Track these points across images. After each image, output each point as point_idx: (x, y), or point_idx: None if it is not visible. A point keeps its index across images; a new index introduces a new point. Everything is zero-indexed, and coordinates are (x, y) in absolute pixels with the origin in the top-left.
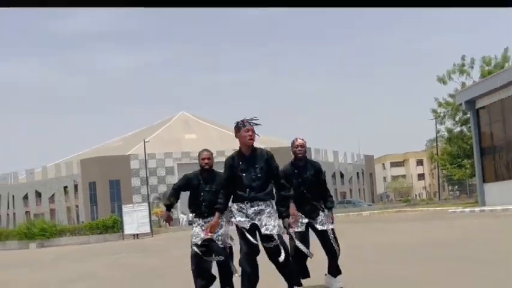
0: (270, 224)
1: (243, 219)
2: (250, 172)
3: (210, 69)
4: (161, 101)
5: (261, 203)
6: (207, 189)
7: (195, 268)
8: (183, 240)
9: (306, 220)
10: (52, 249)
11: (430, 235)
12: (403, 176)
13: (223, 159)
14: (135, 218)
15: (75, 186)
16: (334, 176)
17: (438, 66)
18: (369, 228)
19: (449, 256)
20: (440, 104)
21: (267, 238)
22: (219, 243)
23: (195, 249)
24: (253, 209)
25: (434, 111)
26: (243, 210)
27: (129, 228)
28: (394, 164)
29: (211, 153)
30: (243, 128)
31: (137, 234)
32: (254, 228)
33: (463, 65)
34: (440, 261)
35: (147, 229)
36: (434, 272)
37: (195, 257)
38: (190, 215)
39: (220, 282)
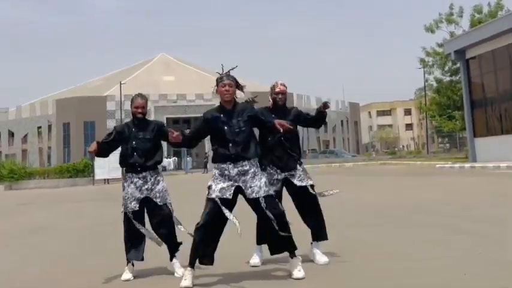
0: (256, 186)
1: (225, 185)
2: (232, 125)
3: (191, 13)
4: (141, 43)
5: (245, 162)
6: (140, 136)
7: (126, 234)
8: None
9: (282, 176)
10: (20, 193)
11: (409, 194)
12: (390, 126)
13: (202, 102)
14: (107, 162)
15: (49, 127)
16: None
17: (431, 14)
18: (347, 182)
19: (421, 223)
20: (428, 53)
21: (254, 202)
22: (158, 200)
23: (130, 215)
24: (236, 169)
25: (422, 60)
26: (225, 172)
27: (100, 173)
28: (380, 113)
29: (146, 101)
30: (220, 83)
31: (108, 180)
32: (232, 201)
33: (451, 14)
34: (411, 228)
35: (119, 174)
36: (395, 239)
37: (128, 221)
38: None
39: (168, 249)
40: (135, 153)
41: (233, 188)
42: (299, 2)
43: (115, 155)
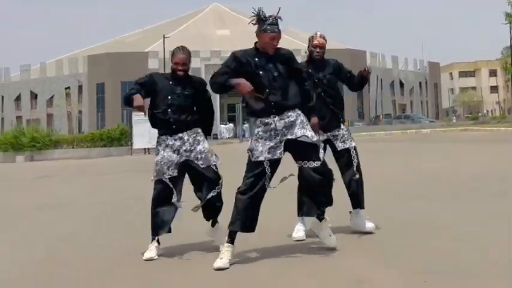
0: (308, 135)
1: (273, 143)
2: (269, 69)
3: None
4: None
5: (290, 112)
6: (177, 91)
7: (155, 204)
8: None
9: (324, 136)
10: (43, 164)
11: (490, 165)
12: (473, 88)
13: None
14: (147, 129)
15: (79, 88)
16: (392, 85)
17: None
18: (419, 150)
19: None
20: None
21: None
22: (200, 163)
23: (167, 182)
24: (283, 121)
25: (508, 14)
26: (271, 126)
27: (139, 142)
28: (463, 74)
29: (189, 56)
30: (266, 33)
31: (148, 149)
32: (277, 165)
33: None
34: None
35: None
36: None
37: (160, 189)
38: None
39: (207, 215)
40: (169, 110)
41: (282, 144)
42: None
43: None
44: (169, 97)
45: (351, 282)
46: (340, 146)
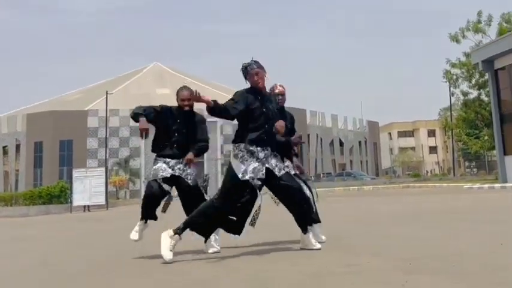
0: (281, 164)
1: (256, 165)
2: (269, 109)
3: (190, 18)
4: (132, 52)
5: (269, 147)
6: (183, 131)
7: (146, 200)
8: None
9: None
10: None
11: (439, 205)
12: (413, 148)
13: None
14: (88, 185)
15: (17, 147)
16: (332, 143)
17: (452, 25)
18: (370, 201)
19: (456, 219)
20: (453, 65)
21: (287, 175)
22: (190, 182)
23: (160, 180)
24: (263, 153)
25: (447, 72)
26: (254, 154)
27: (79, 198)
28: (402, 134)
29: (192, 93)
30: (250, 71)
31: (88, 206)
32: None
33: (479, 22)
34: (447, 222)
35: (102, 200)
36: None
37: (151, 186)
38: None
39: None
40: (174, 146)
41: (264, 170)
42: (310, 11)
43: (96, 178)
44: (176, 134)
45: (341, 266)
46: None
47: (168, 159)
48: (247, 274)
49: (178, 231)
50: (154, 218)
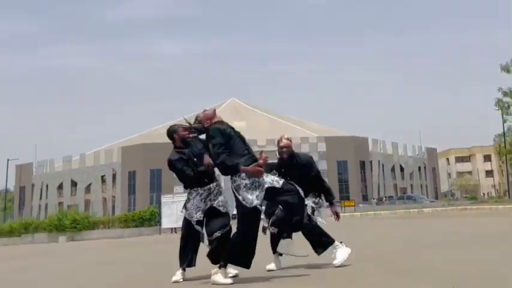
0: (273, 178)
1: (258, 192)
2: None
3: (260, 59)
4: (211, 89)
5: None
6: (196, 151)
7: (184, 241)
8: None
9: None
10: (81, 244)
11: (497, 227)
12: (469, 173)
13: (273, 147)
14: (175, 209)
15: (114, 176)
16: (393, 169)
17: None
18: (430, 223)
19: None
20: (505, 93)
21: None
22: (221, 208)
23: (194, 224)
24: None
25: (499, 100)
26: (255, 180)
27: (167, 222)
28: (459, 159)
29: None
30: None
31: (175, 228)
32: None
33: None
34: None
35: None
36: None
37: (188, 229)
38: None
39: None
40: (197, 166)
41: (263, 193)
42: (365, 48)
43: (182, 203)
44: (195, 159)
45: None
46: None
47: (200, 190)
48: None
49: (223, 265)
50: (193, 264)
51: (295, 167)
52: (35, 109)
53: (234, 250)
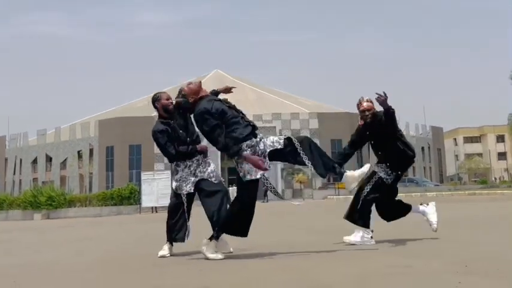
0: (273, 140)
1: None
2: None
3: (248, 28)
4: (193, 60)
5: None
6: (182, 125)
7: (172, 216)
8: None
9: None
10: (58, 221)
11: (502, 211)
12: (480, 155)
13: (260, 124)
14: (155, 188)
15: (91, 151)
16: None
17: None
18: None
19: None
20: None
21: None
22: (213, 179)
23: (184, 198)
24: (261, 142)
25: None
26: (256, 149)
27: (147, 200)
28: (468, 140)
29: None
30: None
31: (156, 208)
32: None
33: None
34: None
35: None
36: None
37: (177, 204)
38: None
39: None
40: (181, 139)
41: (267, 159)
42: (374, 18)
43: (163, 180)
44: (180, 131)
45: (394, 267)
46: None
47: (188, 162)
48: (295, 273)
49: (214, 237)
50: (183, 240)
51: (381, 126)
52: (8, 80)
53: (230, 220)
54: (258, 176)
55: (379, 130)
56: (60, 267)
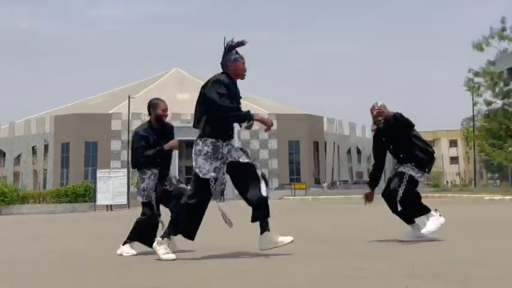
0: (241, 154)
1: (218, 164)
2: (238, 103)
3: (211, 27)
4: (153, 57)
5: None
6: (162, 143)
7: (144, 221)
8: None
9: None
10: (10, 218)
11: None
12: None
13: None
14: (111, 186)
15: (46, 147)
16: (349, 152)
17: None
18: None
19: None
20: (476, 73)
21: (249, 165)
22: (176, 182)
23: (154, 203)
24: (227, 147)
25: (469, 80)
26: (219, 151)
27: (102, 198)
28: None
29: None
30: (240, 60)
31: (111, 206)
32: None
33: (503, 29)
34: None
35: (124, 200)
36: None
37: (149, 210)
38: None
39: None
40: (158, 158)
41: (225, 166)
42: (334, 21)
43: (119, 178)
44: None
45: (345, 270)
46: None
47: (155, 170)
48: (252, 275)
49: (166, 235)
50: (149, 244)
51: (396, 128)
52: None
53: (180, 220)
54: (207, 177)
55: (394, 133)
56: (23, 266)
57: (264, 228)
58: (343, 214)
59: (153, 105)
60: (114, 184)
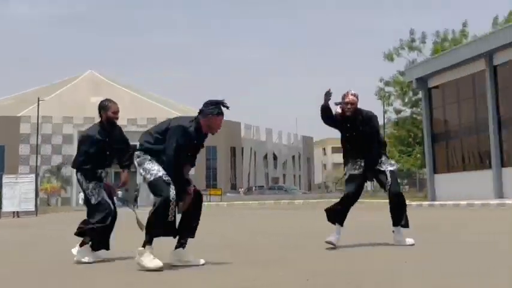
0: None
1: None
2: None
3: (126, 29)
4: (66, 58)
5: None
6: (112, 145)
7: (99, 224)
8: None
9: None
10: None
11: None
12: None
13: (134, 128)
14: (18, 192)
15: None
16: (266, 157)
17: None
18: (289, 215)
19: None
20: (387, 83)
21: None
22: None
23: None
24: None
25: (380, 89)
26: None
27: (8, 204)
28: (336, 150)
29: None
30: (217, 116)
31: (18, 212)
32: None
33: (413, 40)
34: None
35: (31, 206)
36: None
37: (102, 211)
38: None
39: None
40: (106, 163)
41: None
42: (251, 25)
43: (26, 184)
44: (108, 152)
45: (246, 280)
46: (381, 168)
47: (102, 173)
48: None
49: (147, 243)
50: (108, 248)
51: (361, 123)
52: None
53: (155, 223)
54: (160, 174)
55: (362, 128)
56: None
57: (182, 244)
58: (251, 219)
59: (103, 107)
60: (21, 190)
